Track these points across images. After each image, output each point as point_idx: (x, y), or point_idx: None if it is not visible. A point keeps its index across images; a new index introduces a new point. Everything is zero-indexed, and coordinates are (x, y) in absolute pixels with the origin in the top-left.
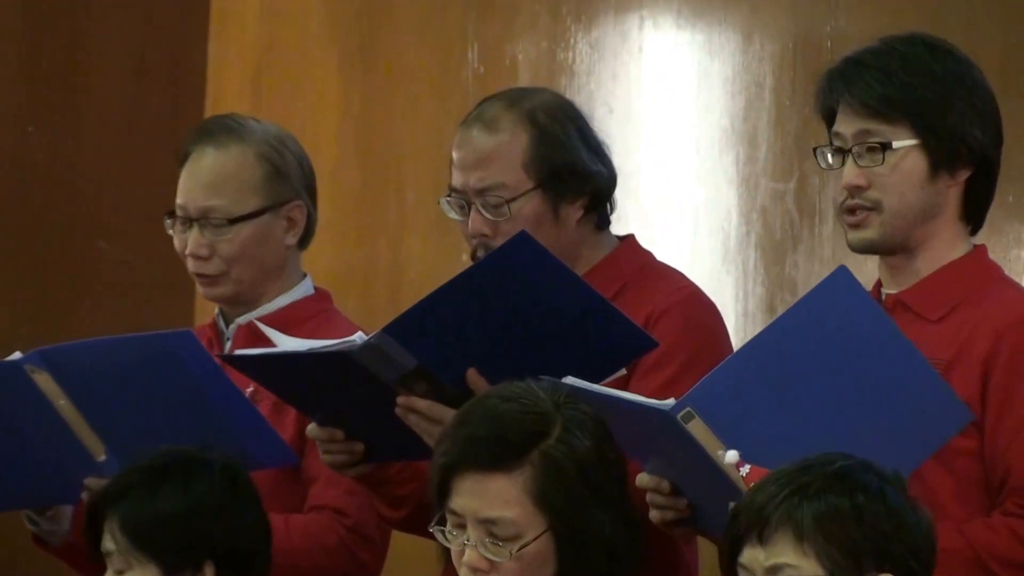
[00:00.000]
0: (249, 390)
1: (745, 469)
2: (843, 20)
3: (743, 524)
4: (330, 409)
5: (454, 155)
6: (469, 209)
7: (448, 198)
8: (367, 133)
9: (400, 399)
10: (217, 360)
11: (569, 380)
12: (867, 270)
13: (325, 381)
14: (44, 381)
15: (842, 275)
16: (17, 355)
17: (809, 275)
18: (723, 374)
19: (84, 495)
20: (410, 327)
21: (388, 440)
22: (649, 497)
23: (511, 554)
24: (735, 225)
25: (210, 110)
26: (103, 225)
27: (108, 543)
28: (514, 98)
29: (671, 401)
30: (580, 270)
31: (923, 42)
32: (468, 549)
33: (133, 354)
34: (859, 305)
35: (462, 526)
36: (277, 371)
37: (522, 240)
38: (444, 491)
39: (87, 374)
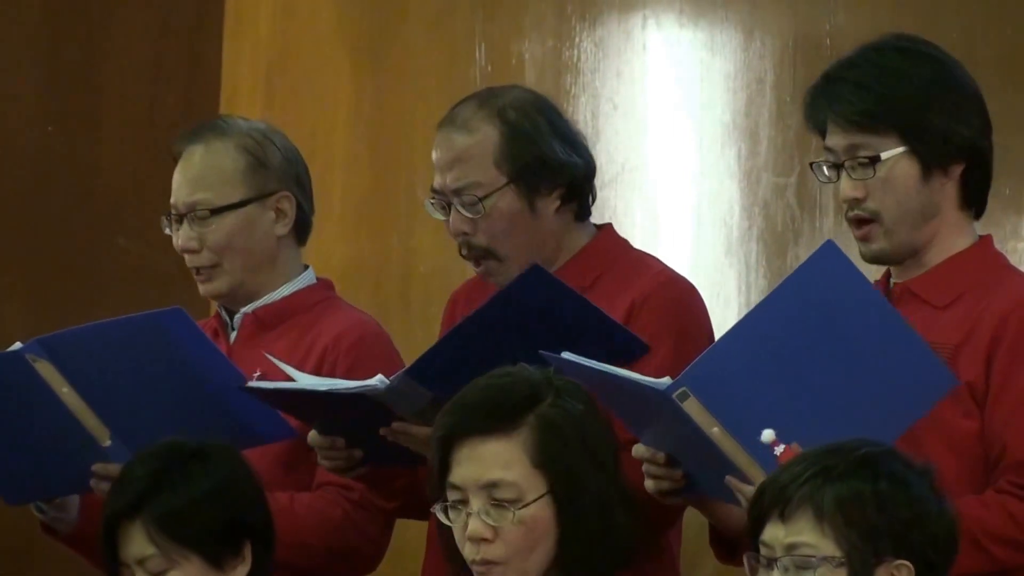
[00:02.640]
0: (256, 374)
1: (779, 448)
2: (842, 17)
3: (767, 501)
4: (332, 422)
5: (433, 157)
6: (451, 209)
7: (431, 200)
8: (378, 130)
9: (395, 425)
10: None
11: (566, 355)
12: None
13: (336, 408)
14: (45, 369)
15: (829, 249)
16: (18, 345)
17: None
18: (716, 353)
19: (93, 482)
20: (430, 368)
21: (386, 448)
22: (645, 467)
23: (514, 515)
24: (737, 219)
25: (224, 109)
26: (122, 223)
27: (141, 549)
28: (484, 98)
29: (667, 380)
30: (560, 260)
31: (896, 47)
32: (472, 519)
33: (129, 335)
34: (847, 277)
35: (463, 501)
36: (291, 399)
37: (534, 273)
38: (444, 467)
39: (87, 360)
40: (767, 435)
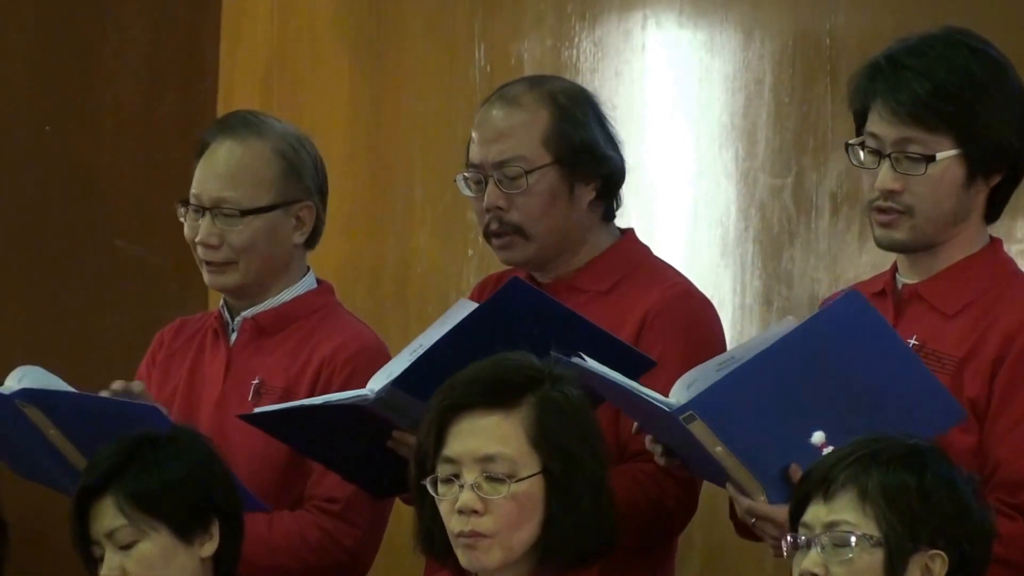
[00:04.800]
0: (255, 381)
1: (827, 451)
2: (842, 18)
3: (811, 483)
4: (344, 451)
5: (473, 134)
6: (486, 185)
7: (464, 175)
8: (376, 131)
9: (395, 434)
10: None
11: (579, 360)
12: (862, 263)
13: (337, 424)
14: (34, 414)
15: (855, 298)
16: (7, 387)
17: (805, 269)
18: (728, 385)
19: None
20: (416, 378)
21: (394, 467)
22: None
23: (508, 490)
24: (733, 220)
25: (222, 109)
26: (120, 224)
27: (111, 521)
28: (536, 80)
29: (675, 401)
30: (584, 257)
31: (965, 44)
32: (464, 491)
33: (109, 410)
34: (872, 327)
35: (456, 475)
36: (294, 422)
37: (516, 285)
38: (440, 440)
39: (71, 414)
40: (817, 437)
